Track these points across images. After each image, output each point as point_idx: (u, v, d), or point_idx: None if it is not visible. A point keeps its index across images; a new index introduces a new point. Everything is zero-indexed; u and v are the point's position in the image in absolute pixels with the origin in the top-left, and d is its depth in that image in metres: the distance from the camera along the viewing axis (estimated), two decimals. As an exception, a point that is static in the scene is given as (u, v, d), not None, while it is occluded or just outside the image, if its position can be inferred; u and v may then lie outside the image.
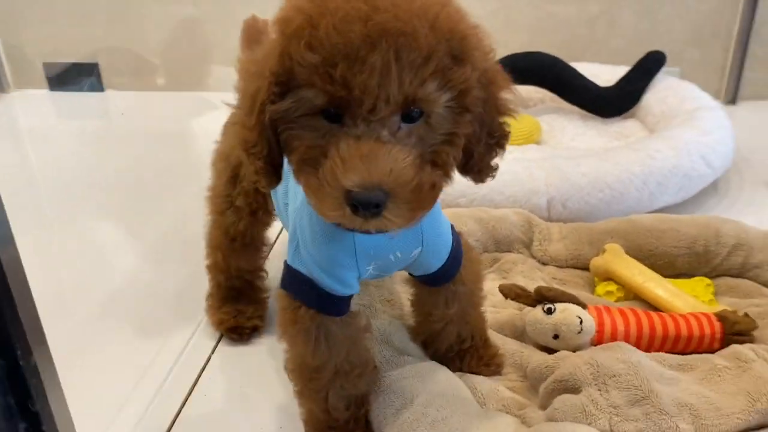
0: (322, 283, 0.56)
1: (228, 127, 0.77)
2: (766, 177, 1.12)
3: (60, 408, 0.48)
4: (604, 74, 1.29)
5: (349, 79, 0.41)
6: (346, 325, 0.59)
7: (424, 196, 0.45)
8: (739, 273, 0.82)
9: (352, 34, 0.41)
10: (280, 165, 0.49)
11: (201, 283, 0.84)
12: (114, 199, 1.19)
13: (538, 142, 1.21)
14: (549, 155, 1.05)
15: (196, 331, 0.82)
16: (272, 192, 0.69)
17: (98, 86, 1.68)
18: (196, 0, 1.59)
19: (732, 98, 1.44)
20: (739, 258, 0.82)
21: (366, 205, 0.42)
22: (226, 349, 0.79)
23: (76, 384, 0.52)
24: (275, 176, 0.50)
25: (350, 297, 0.58)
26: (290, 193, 0.61)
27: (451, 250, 0.61)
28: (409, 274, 0.64)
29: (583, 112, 1.28)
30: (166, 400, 0.71)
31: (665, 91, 1.20)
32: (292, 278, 0.57)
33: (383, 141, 0.43)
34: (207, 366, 0.76)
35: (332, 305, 0.57)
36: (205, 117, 1.52)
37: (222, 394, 0.73)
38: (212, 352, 0.78)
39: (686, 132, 1.03)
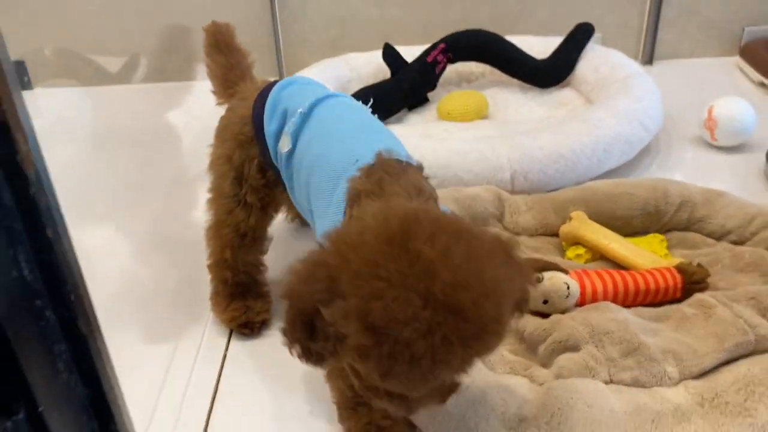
0: None
1: (223, 132, 0.80)
2: (690, 133, 1.24)
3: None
4: (537, 46, 1.38)
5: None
6: None
7: None
8: (686, 227, 0.94)
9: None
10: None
11: (196, 283, 0.88)
12: (81, 201, 1.18)
13: (486, 117, 1.29)
14: (508, 132, 1.13)
15: (205, 331, 0.86)
16: (288, 185, 0.74)
17: (27, 85, 1.62)
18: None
19: (649, 59, 1.57)
20: (685, 214, 0.93)
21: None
22: (238, 344, 0.84)
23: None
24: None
25: None
26: (319, 208, 0.65)
27: None
28: None
29: (523, 84, 1.36)
30: (194, 403, 0.75)
31: (596, 59, 1.30)
32: None
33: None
34: (225, 363, 0.81)
35: None
36: (144, 111, 1.51)
37: (247, 388, 0.77)
38: (226, 349, 0.83)
39: (622, 100, 1.13)
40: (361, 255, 0.46)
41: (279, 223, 0.97)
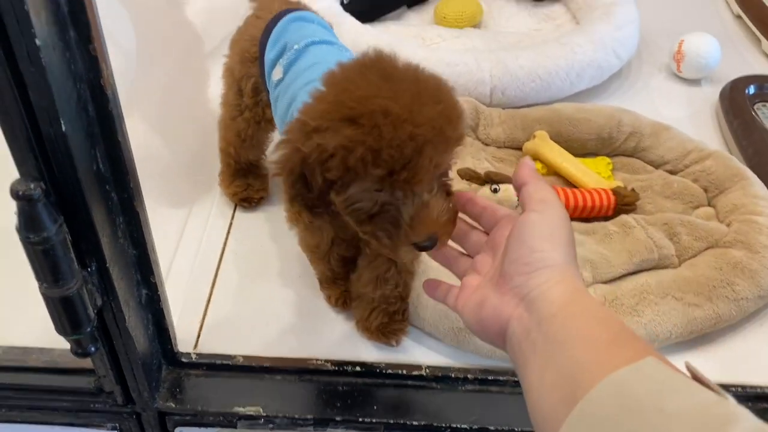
0: None
1: (233, 45, 0.90)
2: (660, 60, 1.35)
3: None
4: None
5: (408, 178, 0.54)
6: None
7: (455, 219, 0.61)
8: (632, 154, 1.08)
9: (407, 151, 0.53)
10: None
11: (209, 156, 1.02)
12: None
13: (479, 24, 1.38)
14: (494, 47, 1.24)
15: (215, 201, 1.01)
16: (272, 109, 0.83)
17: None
18: None
19: (642, -23, 1.63)
20: (632, 142, 1.08)
21: (428, 247, 0.59)
22: (241, 215, 1.00)
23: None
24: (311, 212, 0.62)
25: None
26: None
27: None
28: None
29: (518, -6, 1.45)
30: (206, 259, 0.92)
31: (588, -20, 1.38)
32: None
33: (427, 202, 0.57)
34: (230, 230, 0.97)
35: None
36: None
37: (247, 251, 0.94)
38: (232, 218, 0.99)
39: (602, 27, 1.23)
40: (325, 95, 0.56)
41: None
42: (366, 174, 0.54)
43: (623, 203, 0.97)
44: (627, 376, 0.38)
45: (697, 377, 0.40)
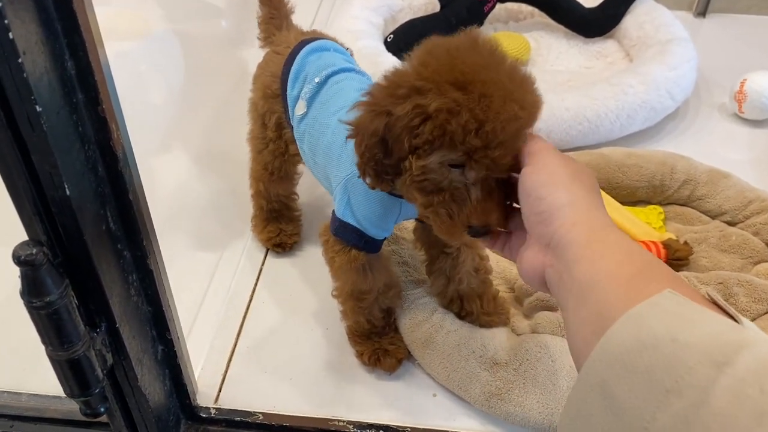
0: (369, 231, 0.73)
1: (256, 80, 0.89)
2: (720, 99, 1.28)
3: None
4: (589, -7, 1.40)
5: (498, 157, 0.54)
6: (381, 257, 0.78)
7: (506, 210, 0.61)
8: (686, 203, 1.02)
9: (509, 129, 0.53)
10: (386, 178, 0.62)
11: (240, 198, 1.01)
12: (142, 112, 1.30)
13: (527, 61, 1.34)
14: (541, 85, 1.19)
15: (246, 246, 1.00)
16: (299, 144, 0.82)
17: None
18: None
19: (703, 11, 1.56)
20: (686, 191, 1.01)
21: (480, 234, 0.60)
22: (272, 261, 0.98)
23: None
24: (377, 181, 0.62)
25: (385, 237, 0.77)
26: (332, 161, 0.74)
27: None
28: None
29: (568, 31, 1.40)
30: (233, 306, 0.91)
31: (643, 16, 1.33)
32: (344, 228, 0.73)
33: (494, 188, 0.57)
34: (260, 275, 0.95)
35: (375, 246, 0.75)
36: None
37: (276, 300, 0.92)
38: (263, 264, 0.97)
39: (656, 68, 1.17)
40: (428, 61, 0.56)
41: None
42: (463, 143, 0.53)
43: (675, 257, 0.90)
44: (644, 310, 0.39)
45: (718, 305, 0.40)
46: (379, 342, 0.82)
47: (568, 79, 1.28)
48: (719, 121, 1.25)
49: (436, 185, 0.58)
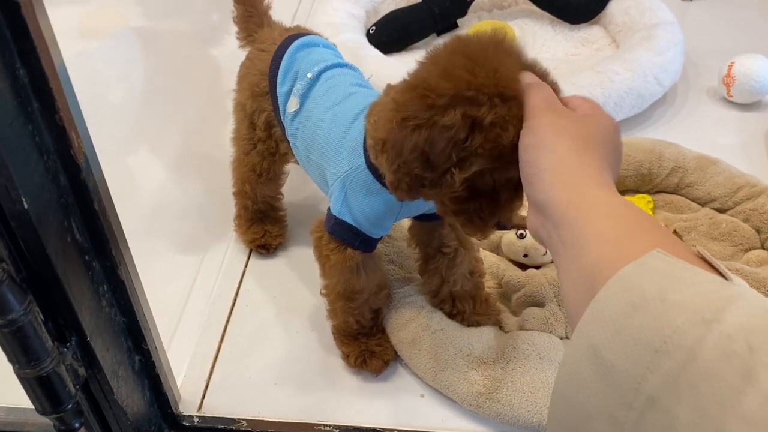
0: (366, 230, 0.71)
1: (242, 80, 0.87)
2: (708, 83, 1.26)
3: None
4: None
5: None
6: (375, 256, 0.76)
7: None
8: (674, 190, 1.00)
9: None
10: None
11: (221, 199, 0.99)
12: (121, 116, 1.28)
13: (511, 50, 1.32)
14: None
15: (229, 247, 0.98)
16: (291, 141, 0.80)
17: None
18: None
19: (690, -7, 1.54)
20: (675, 178, 1.00)
21: (506, 227, 0.62)
22: (256, 262, 0.96)
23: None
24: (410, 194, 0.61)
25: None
26: (329, 157, 0.72)
27: None
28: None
29: (553, 18, 1.38)
30: (216, 310, 0.89)
31: (629, 1, 1.30)
32: (340, 226, 0.70)
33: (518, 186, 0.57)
34: (244, 278, 0.94)
35: (371, 245, 0.73)
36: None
37: (259, 303, 0.90)
38: (246, 266, 0.95)
39: (643, 53, 1.15)
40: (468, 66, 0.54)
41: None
42: (511, 156, 0.53)
43: (664, 248, 0.89)
44: (632, 271, 0.38)
45: (707, 261, 0.40)
46: (366, 343, 0.80)
47: (554, 67, 1.25)
48: (708, 105, 1.23)
49: (471, 193, 0.58)
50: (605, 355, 0.36)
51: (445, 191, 0.58)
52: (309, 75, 0.77)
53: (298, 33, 0.84)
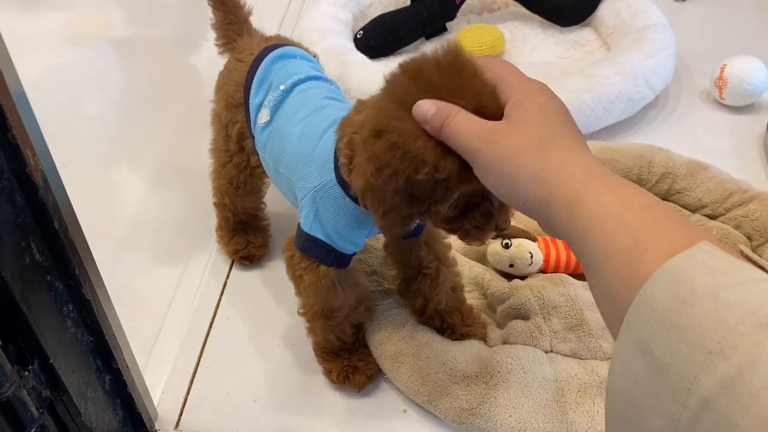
0: (339, 246, 0.69)
1: (219, 90, 0.85)
2: (700, 85, 1.24)
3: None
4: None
5: None
6: (351, 270, 0.74)
7: None
8: (665, 197, 0.98)
9: None
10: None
11: (202, 210, 0.97)
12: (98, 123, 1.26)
13: (501, 53, 1.30)
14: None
15: (210, 259, 0.96)
16: (260, 153, 0.78)
17: None
18: None
19: (683, -7, 1.52)
20: (665, 185, 0.98)
21: (504, 228, 0.62)
22: (237, 274, 0.94)
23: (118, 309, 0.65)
24: (402, 230, 0.61)
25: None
26: (298, 171, 0.71)
27: None
28: None
29: (544, 21, 1.36)
30: (196, 324, 0.87)
31: (620, 2, 1.28)
32: (311, 243, 0.68)
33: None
34: (225, 290, 0.92)
35: (345, 261, 0.71)
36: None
37: (240, 317, 0.88)
38: (227, 278, 0.93)
39: (633, 56, 1.13)
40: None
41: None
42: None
43: (653, 256, 0.87)
44: (680, 264, 0.36)
45: (750, 260, 0.38)
46: (348, 359, 0.78)
47: (544, 71, 1.24)
48: (700, 108, 1.21)
49: (463, 210, 0.58)
50: (655, 352, 0.35)
51: (434, 218, 0.59)
52: (282, 87, 0.75)
53: (276, 43, 0.82)
